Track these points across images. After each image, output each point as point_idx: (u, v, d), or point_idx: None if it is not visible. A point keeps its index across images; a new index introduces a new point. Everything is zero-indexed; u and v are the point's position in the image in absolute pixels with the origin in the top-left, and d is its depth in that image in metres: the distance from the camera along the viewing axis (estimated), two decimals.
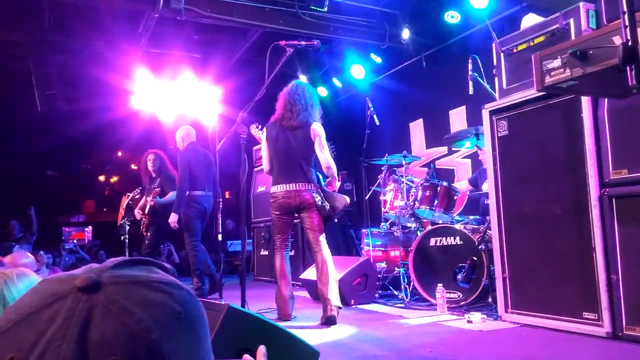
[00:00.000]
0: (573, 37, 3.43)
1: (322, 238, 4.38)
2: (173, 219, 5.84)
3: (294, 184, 4.35)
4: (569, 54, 2.17)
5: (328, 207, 4.35)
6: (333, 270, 4.33)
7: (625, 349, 3.00)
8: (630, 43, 1.63)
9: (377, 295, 5.36)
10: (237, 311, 1.38)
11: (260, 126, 4.74)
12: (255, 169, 8.21)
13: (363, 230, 6.02)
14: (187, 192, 5.91)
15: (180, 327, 0.55)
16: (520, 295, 3.78)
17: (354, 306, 5.00)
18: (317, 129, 4.44)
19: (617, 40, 1.73)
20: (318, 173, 4.51)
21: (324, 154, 4.39)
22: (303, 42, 4.48)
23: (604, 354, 2.99)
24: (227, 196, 12.77)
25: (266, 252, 7.66)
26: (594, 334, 3.25)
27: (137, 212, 6.59)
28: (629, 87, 1.66)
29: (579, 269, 3.37)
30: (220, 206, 4.74)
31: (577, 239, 3.39)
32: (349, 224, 7.25)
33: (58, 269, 5.26)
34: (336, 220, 4.82)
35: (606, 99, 3.28)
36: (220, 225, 4.71)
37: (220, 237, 4.87)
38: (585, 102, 3.39)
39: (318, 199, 4.35)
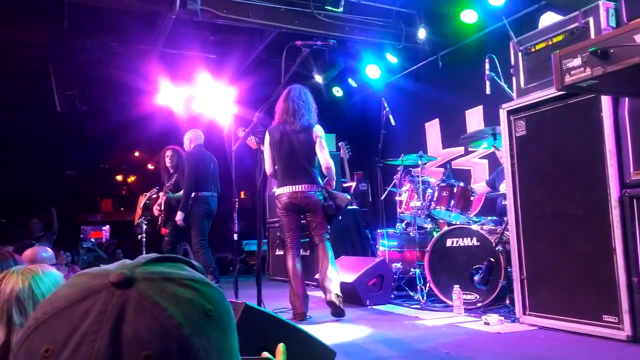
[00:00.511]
0: (592, 35, 3.38)
1: (327, 236, 4.57)
2: (179, 217, 6.03)
3: (299, 186, 4.49)
4: (589, 52, 2.14)
5: (334, 206, 4.54)
6: (334, 264, 4.51)
7: None
8: None
9: (392, 296, 5.33)
10: (254, 310, 1.38)
11: (247, 129, 4.81)
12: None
13: (379, 230, 6.00)
14: (195, 193, 6.03)
15: (209, 324, 0.56)
16: (538, 297, 3.73)
17: (369, 307, 4.99)
18: (319, 130, 4.60)
19: (639, 39, 1.70)
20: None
21: (324, 155, 4.55)
22: (319, 42, 4.52)
23: (624, 358, 2.94)
24: (242, 196, 12.82)
25: (281, 252, 7.67)
26: (613, 337, 3.19)
27: (156, 209, 6.73)
28: None
29: (599, 271, 3.31)
30: (236, 206, 4.76)
31: (597, 241, 3.33)
32: (365, 224, 7.23)
33: (77, 268, 5.31)
34: (340, 218, 4.92)
35: (627, 99, 3.23)
36: (236, 225, 4.73)
37: (235, 237, 4.90)
38: (606, 101, 3.33)
39: (323, 199, 4.53)
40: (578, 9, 3.58)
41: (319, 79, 8.76)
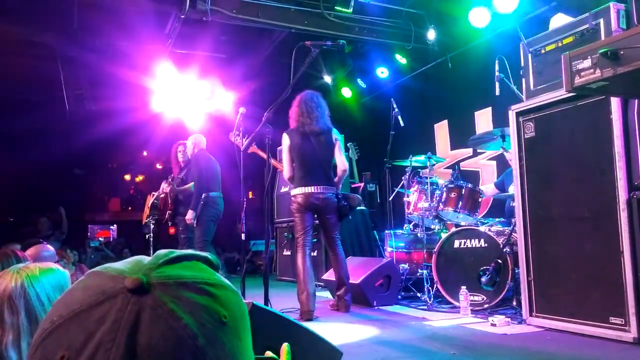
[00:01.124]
0: (603, 37, 3.37)
1: (339, 236, 4.80)
2: (190, 216, 6.07)
3: (320, 187, 4.65)
4: (599, 54, 2.14)
5: (348, 207, 4.76)
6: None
7: None
8: None
9: (399, 297, 5.33)
10: (261, 309, 1.38)
11: (239, 133, 4.85)
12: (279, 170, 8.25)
13: (386, 231, 5.99)
14: (206, 194, 6.11)
15: (224, 332, 0.56)
16: (545, 299, 3.72)
17: (376, 307, 4.99)
18: (337, 134, 4.85)
19: None
20: None
21: (342, 158, 4.80)
22: (328, 43, 4.52)
23: (630, 359, 2.93)
24: (250, 196, 12.85)
25: (289, 252, 7.69)
26: (620, 339, 3.18)
27: (160, 197, 6.82)
28: None
29: (606, 273, 3.30)
30: (244, 206, 4.78)
31: (605, 243, 3.32)
32: (372, 225, 7.23)
33: (85, 267, 5.35)
34: (350, 217, 5.04)
35: (636, 101, 3.21)
36: (244, 225, 4.75)
37: (243, 236, 4.92)
38: (615, 103, 3.32)
39: (338, 200, 4.73)
40: (589, 10, 3.57)
41: (328, 79, 8.78)
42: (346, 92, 9.03)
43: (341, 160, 4.78)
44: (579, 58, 2.28)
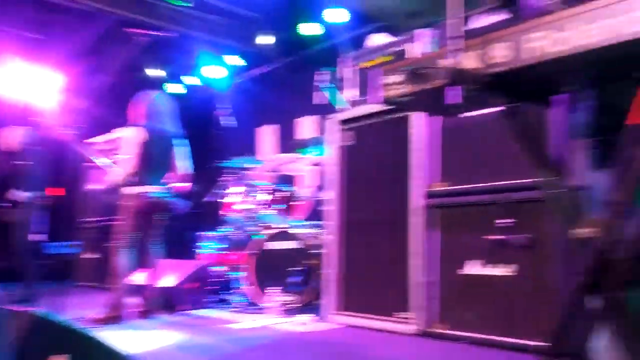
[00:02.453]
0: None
1: (156, 237, 4.69)
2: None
3: (160, 187, 4.55)
4: (407, 70, 2.29)
5: (172, 207, 4.67)
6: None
7: (433, 344, 3.32)
8: (455, 66, 1.73)
9: (212, 300, 5.22)
10: (41, 319, 1.33)
11: (18, 130, 4.50)
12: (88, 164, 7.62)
13: (201, 233, 5.86)
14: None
15: None
16: (348, 298, 4.00)
17: (186, 312, 4.81)
18: (179, 134, 4.79)
19: (443, 63, 1.85)
20: None
21: (184, 160, 4.79)
22: (159, 34, 4.34)
23: (413, 348, 3.31)
24: (51, 193, 11.69)
25: (94, 255, 7.08)
26: (406, 332, 3.52)
27: None
28: (449, 106, 1.77)
29: (398, 273, 3.63)
30: (44, 203, 4.33)
31: (399, 245, 3.65)
32: (187, 225, 6.99)
33: None
34: (170, 217, 4.87)
35: (436, 117, 3.56)
36: (38, 226, 4.28)
37: (39, 237, 4.45)
38: (416, 118, 3.67)
39: (171, 200, 4.65)
40: (409, 32, 3.94)
41: (157, 73, 8.37)
42: (176, 88, 8.69)
43: (182, 163, 4.75)
44: (391, 73, 2.42)
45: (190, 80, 8.49)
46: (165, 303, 4.77)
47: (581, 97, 2.05)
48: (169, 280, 4.87)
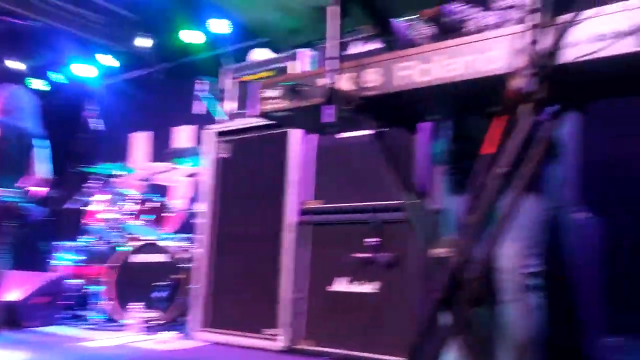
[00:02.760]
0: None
1: (5, 245, 4.17)
2: None
3: (15, 191, 4.08)
4: (286, 86, 2.31)
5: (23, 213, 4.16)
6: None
7: None
8: (330, 86, 1.78)
9: (65, 316, 4.84)
10: None
11: None
12: None
13: (58, 243, 5.44)
14: None
15: None
16: (216, 314, 3.90)
17: (35, 329, 4.41)
18: (38, 134, 4.33)
19: (320, 82, 1.90)
20: None
21: (40, 161, 4.29)
22: (18, 21, 3.96)
23: None
24: None
25: None
26: (272, 349, 3.50)
27: None
28: (325, 125, 1.81)
29: (269, 289, 3.62)
30: None
31: (272, 261, 3.65)
32: (41, 234, 6.46)
33: None
34: (21, 225, 4.45)
35: (313, 136, 3.63)
36: None
37: None
38: (293, 135, 3.71)
39: (21, 206, 4.14)
40: (292, 50, 4.00)
41: (18, 65, 7.69)
42: (40, 84, 8.04)
43: (39, 164, 4.27)
44: (270, 87, 2.42)
45: (56, 77, 7.89)
46: (9, 319, 4.33)
47: (442, 126, 2.21)
48: (14, 294, 4.42)
